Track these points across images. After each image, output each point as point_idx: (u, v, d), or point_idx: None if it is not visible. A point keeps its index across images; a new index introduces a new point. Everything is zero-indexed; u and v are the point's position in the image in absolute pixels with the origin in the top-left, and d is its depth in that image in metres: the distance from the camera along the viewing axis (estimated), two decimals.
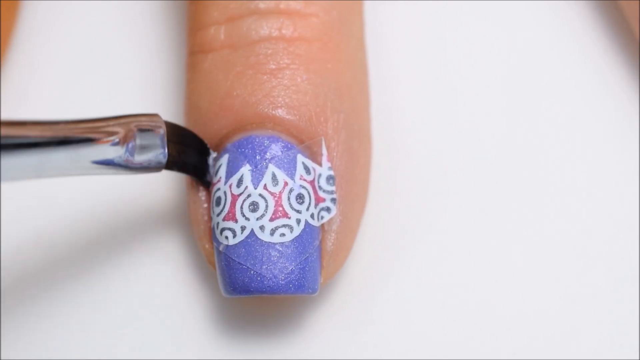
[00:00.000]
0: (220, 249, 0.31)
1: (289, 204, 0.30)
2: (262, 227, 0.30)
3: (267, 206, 0.30)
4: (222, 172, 0.31)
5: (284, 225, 0.30)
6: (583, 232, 0.33)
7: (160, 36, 0.36)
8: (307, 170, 0.31)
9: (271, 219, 0.30)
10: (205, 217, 0.32)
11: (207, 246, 0.31)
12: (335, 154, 0.31)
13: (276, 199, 0.30)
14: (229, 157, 0.31)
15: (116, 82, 0.35)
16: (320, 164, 0.31)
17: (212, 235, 0.31)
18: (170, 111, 0.34)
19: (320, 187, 0.31)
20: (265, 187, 0.30)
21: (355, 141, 0.32)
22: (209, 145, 0.31)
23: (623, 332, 0.32)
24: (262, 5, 0.32)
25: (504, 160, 0.34)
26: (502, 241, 0.33)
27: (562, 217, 0.34)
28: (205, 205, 0.32)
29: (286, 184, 0.30)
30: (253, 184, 0.30)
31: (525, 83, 0.35)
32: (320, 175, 0.31)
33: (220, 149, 0.31)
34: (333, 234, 0.31)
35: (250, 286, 0.30)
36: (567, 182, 0.34)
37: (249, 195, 0.30)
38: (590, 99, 0.35)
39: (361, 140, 0.32)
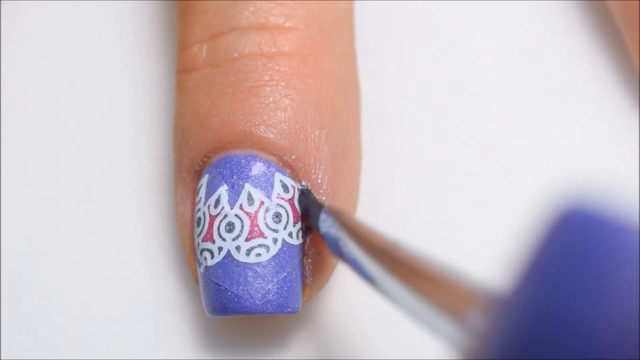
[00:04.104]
0: (200, 270, 0.31)
1: (265, 223, 0.30)
2: (238, 248, 0.30)
3: (242, 226, 0.30)
4: (202, 193, 0.31)
5: (260, 245, 0.30)
6: None
7: (157, 54, 0.36)
8: (286, 188, 0.31)
9: (247, 239, 0.30)
10: (191, 239, 0.32)
11: (193, 266, 0.32)
12: (315, 170, 0.31)
13: (252, 218, 0.30)
14: (208, 178, 0.31)
15: (110, 103, 0.35)
16: (301, 182, 0.31)
17: (195, 255, 0.31)
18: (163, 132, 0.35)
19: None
20: (241, 207, 0.30)
21: (338, 157, 0.32)
22: (192, 165, 0.32)
23: None
24: (242, 21, 0.32)
25: (501, 163, 0.34)
26: (499, 245, 0.33)
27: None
28: (190, 226, 0.32)
29: (262, 203, 0.30)
30: (229, 204, 0.30)
31: (522, 86, 0.35)
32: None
33: (202, 169, 0.31)
34: (315, 252, 0.31)
35: (228, 307, 0.30)
36: (565, 183, 0.33)
37: (225, 216, 0.30)
38: (588, 100, 0.34)
39: (346, 155, 0.32)
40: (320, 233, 0.30)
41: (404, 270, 0.25)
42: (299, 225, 0.31)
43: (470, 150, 0.34)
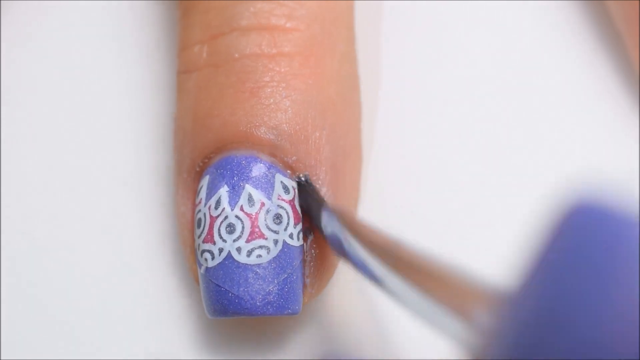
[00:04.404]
0: (201, 271, 0.31)
1: (266, 224, 0.30)
2: (238, 249, 0.30)
3: (243, 227, 0.30)
4: (203, 194, 0.31)
5: (260, 247, 0.30)
6: None
7: (158, 54, 0.36)
8: (286, 189, 0.31)
9: (247, 240, 0.30)
10: (191, 239, 0.32)
11: (194, 267, 0.32)
12: (316, 171, 0.31)
13: (252, 219, 0.30)
14: (209, 179, 0.31)
15: (110, 103, 0.35)
16: (298, 175, 0.31)
17: (195, 256, 0.31)
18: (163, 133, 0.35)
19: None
20: (241, 208, 0.30)
21: (339, 158, 0.32)
22: (193, 166, 0.32)
23: None
24: (243, 21, 0.31)
25: (502, 163, 0.34)
26: (500, 245, 0.33)
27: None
28: (191, 226, 0.32)
29: (263, 204, 0.30)
30: (230, 205, 0.30)
31: (522, 86, 0.35)
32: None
33: (203, 170, 0.31)
34: (315, 253, 0.31)
35: (229, 308, 0.30)
36: (567, 182, 0.33)
37: (225, 217, 0.30)
38: (589, 100, 0.34)
39: (347, 156, 0.32)
40: (321, 233, 0.30)
41: (408, 269, 0.25)
42: (299, 226, 0.31)
43: (471, 149, 0.34)
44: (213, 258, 0.30)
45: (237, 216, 0.30)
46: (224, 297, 0.30)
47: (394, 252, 0.26)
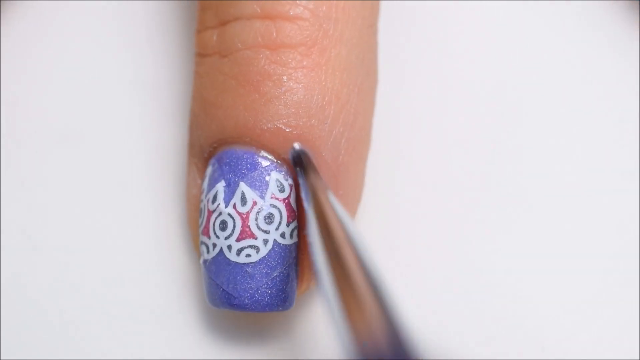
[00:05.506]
0: (200, 261, 0.31)
1: (256, 224, 0.30)
2: (229, 247, 0.30)
3: (234, 226, 0.30)
4: (205, 185, 0.31)
5: (250, 246, 0.30)
6: (582, 233, 0.33)
7: (172, 36, 0.36)
8: (281, 188, 0.30)
9: (238, 239, 0.30)
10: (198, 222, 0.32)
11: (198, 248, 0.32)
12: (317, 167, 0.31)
13: (243, 219, 0.30)
14: (210, 170, 0.31)
15: (107, 101, 0.35)
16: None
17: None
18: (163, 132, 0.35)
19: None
20: (234, 207, 0.30)
21: (342, 150, 0.31)
22: (202, 152, 0.32)
23: (623, 332, 0.32)
24: (247, 9, 0.31)
25: (502, 162, 0.33)
26: (501, 243, 0.33)
27: (562, 217, 0.33)
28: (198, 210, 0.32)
29: (255, 203, 0.30)
30: (225, 202, 0.31)
31: (524, 83, 0.34)
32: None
33: (210, 157, 0.31)
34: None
35: (220, 302, 0.31)
36: (567, 182, 0.33)
37: (220, 214, 0.31)
38: (589, 99, 0.34)
39: (351, 147, 0.31)
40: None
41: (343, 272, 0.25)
42: (293, 224, 0.30)
43: (476, 149, 0.33)
44: (208, 251, 0.31)
45: (229, 214, 0.30)
46: (215, 291, 0.31)
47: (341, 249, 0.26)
